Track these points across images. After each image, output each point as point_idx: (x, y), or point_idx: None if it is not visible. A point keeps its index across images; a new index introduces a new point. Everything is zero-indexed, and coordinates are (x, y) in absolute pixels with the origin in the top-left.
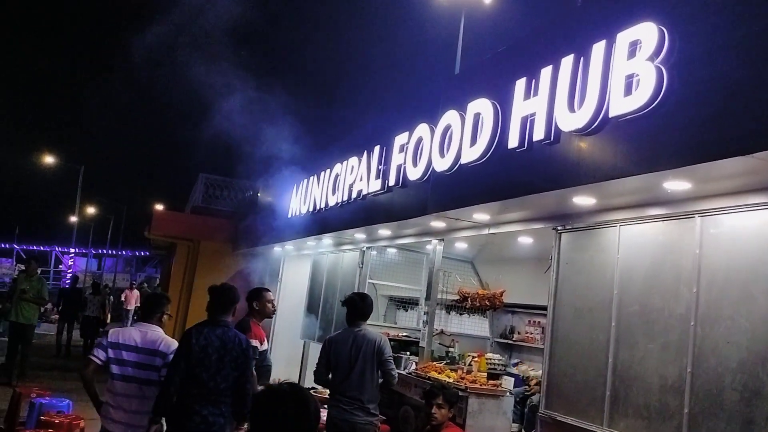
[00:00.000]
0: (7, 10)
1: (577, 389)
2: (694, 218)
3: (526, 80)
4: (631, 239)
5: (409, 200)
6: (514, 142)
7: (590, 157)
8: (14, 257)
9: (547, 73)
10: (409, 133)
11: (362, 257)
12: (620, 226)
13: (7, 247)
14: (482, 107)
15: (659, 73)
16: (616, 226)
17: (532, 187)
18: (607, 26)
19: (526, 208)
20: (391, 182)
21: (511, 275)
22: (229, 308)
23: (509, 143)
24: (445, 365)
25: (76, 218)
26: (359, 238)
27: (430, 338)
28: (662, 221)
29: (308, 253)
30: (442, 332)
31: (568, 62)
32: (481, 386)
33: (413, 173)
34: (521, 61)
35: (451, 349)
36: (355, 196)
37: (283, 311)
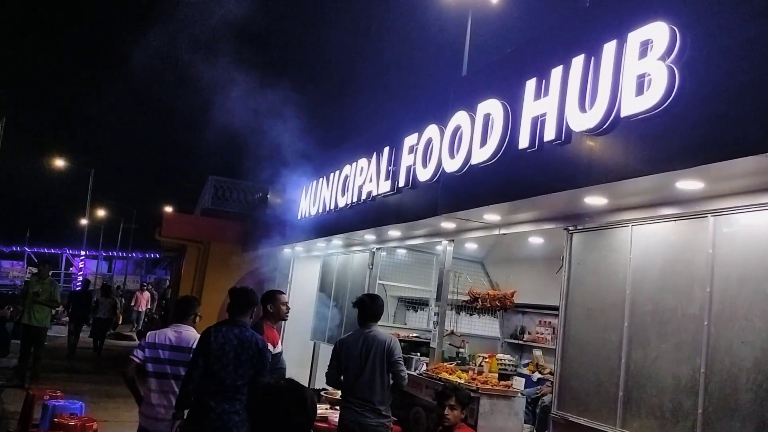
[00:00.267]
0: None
1: (589, 390)
2: (706, 218)
3: (536, 80)
4: (643, 239)
5: (418, 201)
6: (524, 142)
7: (602, 157)
8: (25, 260)
9: (557, 73)
10: (418, 134)
11: (372, 258)
12: (632, 226)
13: (18, 250)
14: (492, 108)
15: (671, 72)
16: (628, 226)
17: (543, 187)
18: (618, 26)
19: (537, 208)
20: (400, 183)
21: (521, 275)
22: (247, 310)
23: (520, 144)
24: (455, 366)
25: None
26: (369, 239)
27: (440, 339)
28: (675, 221)
29: (318, 254)
30: (452, 333)
31: (578, 62)
32: (492, 387)
33: (423, 174)
34: (531, 61)
35: (461, 349)
36: (364, 197)
37: (293, 312)
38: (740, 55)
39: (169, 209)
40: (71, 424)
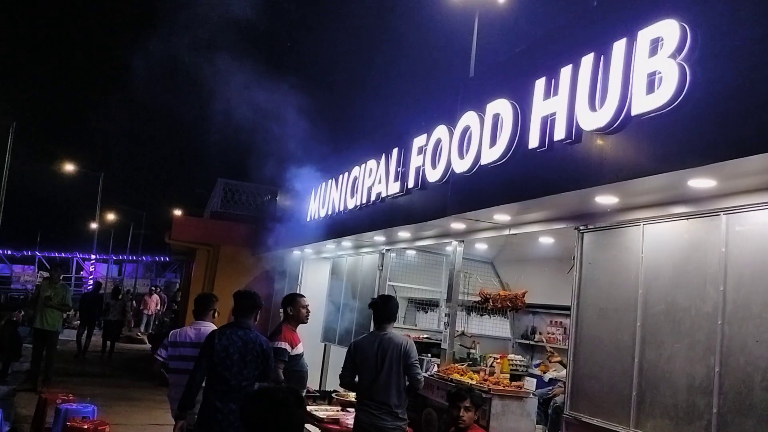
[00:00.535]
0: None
1: (602, 390)
2: (719, 216)
3: (545, 80)
4: (655, 238)
5: (428, 202)
6: (534, 142)
7: (613, 155)
8: (36, 264)
9: (567, 72)
10: (427, 134)
11: (382, 260)
12: (644, 224)
13: (29, 254)
14: (501, 108)
15: (682, 70)
16: (639, 225)
17: (553, 186)
18: (627, 24)
19: (547, 208)
20: (410, 184)
21: (531, 275)
22: (250, 312)
23: (530, 143)
24: (467, 367)
25: (96, 225)
26: (378, 240)
27: (451, 340)
28: (687, 219)
29: (327, 256)
30: (462, 334)
31: (588, 61)
32: (504, 388)
33: (432, 175)
34: (540, 60)
35: (472, 350)
36: (374, 198)
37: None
38: (751, 51)
39: (178, 212)
40: (84, 427)
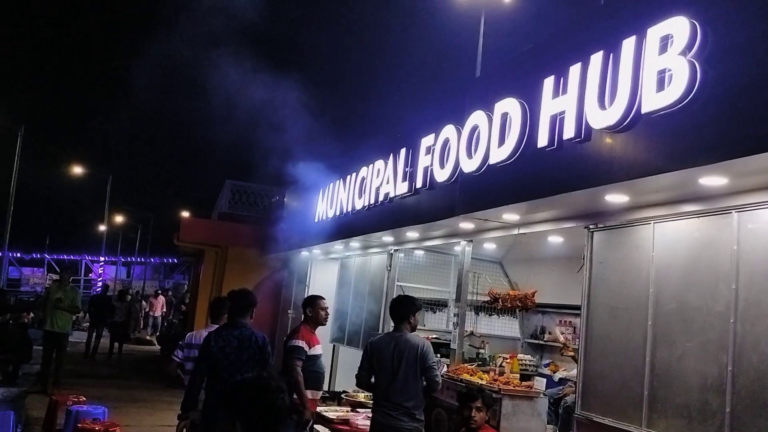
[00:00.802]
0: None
1: (613, 389)
2: (731, 214)
3: (554, 78)
4: (666, 236)
5: (436, 202)
6: (543, 140)
7: (623, 154)
8: (45, 267)
9: (576, 70)
10: (435, 134)
11: (390, 260)
12: (655, 223)
13: (38, 257)
14: (510, 107)
15: (692, 67)
16: (650, 223)
17: (563, 185)
18: (636, 22)
19: (556, 207)
20: (418, 184)
21: (540, 275)
22: (246, 311)
23: (539, 142)
24: (476, 367)
25: (105, 227)
26: (387, 240)
27: (461, 340)
28: (698, 218)
29: (336, 256)
30: (471, 334)
31: (597, 59)
32: (514, 388)
33: (440, 175)
34: (549, 59)
35: (481, 350)
36: (381, 198)
37: None
38: (761, 47)
39: (186, 214)
40: (95, 428)
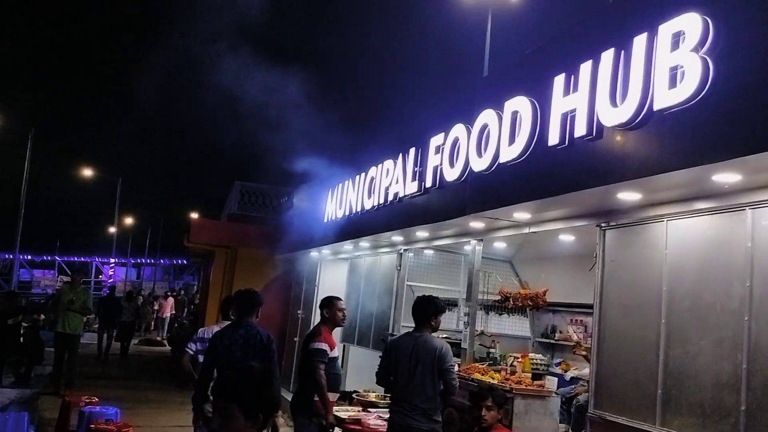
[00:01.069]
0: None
1: (627, 388)
2: (744, 210)
3: (565, 76)
4: (679, 234)
5: (446, 201)
6: (554, 139)
7: (635, 151)
8: (56, 269)
9: (586, 68)
10: (444, 133)
11: (399, 260)
12: (667, 221)
13: (49, 259)
14: (520, 105)
15: (705, 63)
16: (663, 221)
17: (574, 183)
18: (647, 19)
19: (568, 205)
20: (427, 184)
21: (551, 274)
22: (251, 310)
23: (549, 140)
24: (487, 366)
25: (115, 229)
26: (396, 240)
27: (472, 339)
28: (711, 215)
29: (345, 256)
30: (482, 333)
31: (608, 56)
32: (526, 387)
33: (450, 174)
34: (559, 57)
35: (492, 350)
36: (391, 198)
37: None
38: None
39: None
40: (109, 428)
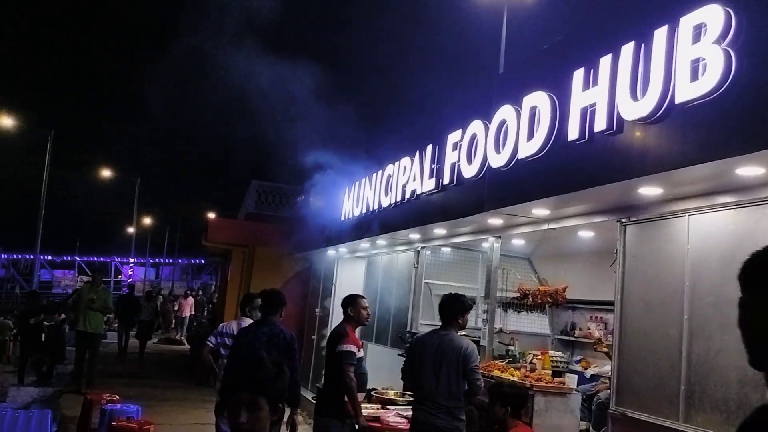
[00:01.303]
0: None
1: (649, 385)
2: None
3: (584, 70)
4: (701, 229)
5: (464, 198)
6: (574, 133)
7: (656, 145)
8: (76, 269)
9: (606, 62)
10: (462, 130)
11: (417, 257)
12: (689, 215)
13: (69, 259)
14: (538, 100)
15: (727, 55)
16: (684, 215)
17: (594, 179)
18: (668, 11)
19: (587, 201)
20: (445, 181)
21: (570, 271)
22: (275, 309)
23: (569, 135)
24: (507, 364)
25: (133, 229)
26: (414, 238)
27: (490, 337)
28: (734, 209)
29: (362, 255)
30: (500, 330)
31: (628, 50)
32: (547, 384)
33: (468, 170)
34: (578, 51)
35: (510, 347)
36: (408, 196)
37: (339, 313)
38: None
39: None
40: (130, 426)
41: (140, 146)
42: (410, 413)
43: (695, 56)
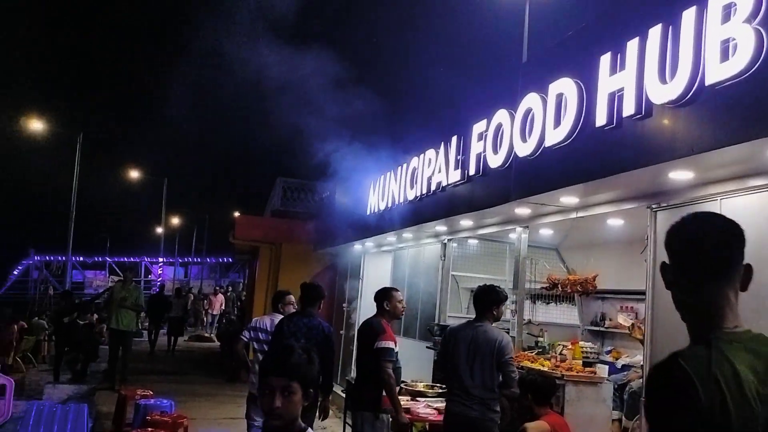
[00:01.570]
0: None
1: None
2: None
3: (611, 55)
4: (733, 212)
5: (490, 188)
6: (601, 119)
7: (686, 128)
8: (107, 269)
9: (633, 45)
10: (487, 120)
11: (444, 250)
12: (721, 199)
13: (100, 260)
14: (565, 87)
15: (758, 34)
16: (716, 200)
17: (623, 164)
18: None
19: (617, 187)
20: (471, 171)
21: (599, 260)
22: (315, 302)
23: (597, 121)
24: (536, 354)
25: (162, 229)
26: (440, 230)
27: (520, 327)
28: (767, 191)
29: (388, 248)
30: (529, 322)
31: (656, 32)
32: (578, 374)
33: (494, 160)
34: (604, 36)
35: (540, 338)
36: (434, 188)
37: (366, 307)
38: None
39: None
40: (164, 420)
41: (167, 147)
42: (440, 405)
43: (725, 36)
